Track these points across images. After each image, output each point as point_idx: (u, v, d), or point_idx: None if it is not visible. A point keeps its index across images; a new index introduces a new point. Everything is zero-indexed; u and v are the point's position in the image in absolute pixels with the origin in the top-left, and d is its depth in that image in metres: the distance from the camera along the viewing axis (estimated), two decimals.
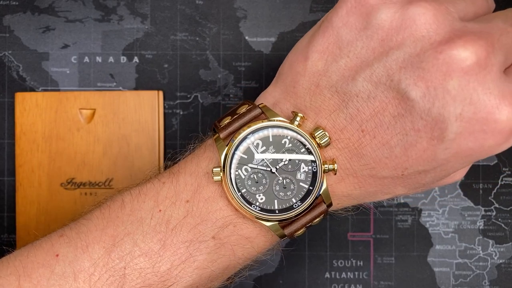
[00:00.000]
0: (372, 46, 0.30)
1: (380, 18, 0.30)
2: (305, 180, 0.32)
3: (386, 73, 0.29)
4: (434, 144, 0.29)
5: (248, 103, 0.33)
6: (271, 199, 0.32)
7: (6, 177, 0.46)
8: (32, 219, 0.45)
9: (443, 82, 0.28)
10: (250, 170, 0.32)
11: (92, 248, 0.31)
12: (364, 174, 0.32)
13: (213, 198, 0.32)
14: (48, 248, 0.32)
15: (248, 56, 0.47)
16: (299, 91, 0.32)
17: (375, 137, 0.30)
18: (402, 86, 0.29)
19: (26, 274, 0.31)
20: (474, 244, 0.46)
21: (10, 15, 0.46)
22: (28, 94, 0.46)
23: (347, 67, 0.31)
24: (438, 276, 0.46)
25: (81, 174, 0.45)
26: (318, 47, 0.32)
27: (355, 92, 0.30)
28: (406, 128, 0.29)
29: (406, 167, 0.31)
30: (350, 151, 0.31)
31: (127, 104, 0.46)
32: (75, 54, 0.46)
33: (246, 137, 0.32)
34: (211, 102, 0.47)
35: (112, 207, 0.33)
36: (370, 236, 0.46)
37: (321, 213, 0.32)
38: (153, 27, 0.47)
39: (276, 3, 0.47)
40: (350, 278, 0.46)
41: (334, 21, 0.31)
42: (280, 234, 0.32)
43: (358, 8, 0.31)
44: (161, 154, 0.46)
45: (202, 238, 0.32)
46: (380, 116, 0.30)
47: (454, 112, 0.28)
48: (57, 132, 0.46)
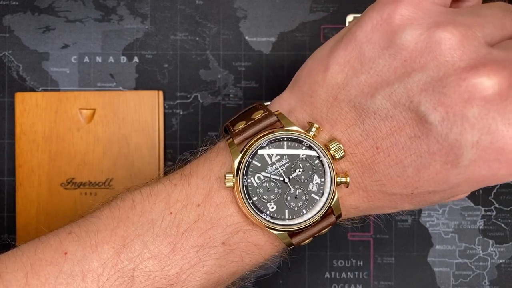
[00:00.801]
0: (394, 66, 0.30)
1: (405, 39, 0.30)
2: (317, 191, 0.32)
3: (407, 94, 0.29)
4: (448, 168, 0.29)
5: (263, 109, 0.33)
6: (281, 209, 0.31)
7: (6, 177, 0.46)
8: (32, 219, 0.45)
9: (463, 109, 0.28)
10: (263, 178, 0.32)
11: (102, 248, 0.31)
12: (374, 189, 0.32)
13: (224, 203, 0.32)
14: (56, 245, 0.32)
15: (248, 56, 0.47)
16: (316, 101, 0.32)
17: (389, 155, 0.30)
18: (421, 109, 0.29)
19: (34, 271, 0.31)
20: (474, 244, 0.46)
21: (10, 15, 0.46)
22: (28, 94, 0.46)
23: (367, 83, 0.30)
24: (438, 276, 0.46)
25: (81, 174, 0.45)
26: (339, 59, 0.31)
27: (373, 109, 0.30)
28: (421, 150, 0.29)
29: (417, 186, 0.31)
30: (362, 166, 0.31)
31: (127, 104, 0.46)
32: (75, 54, 0.46)
33: (261, 145, 0.32)
34: (211, 102, 0.47)
35: (122, 207, 0.33)
36: (370, 236, 0.46)
37: (330, 225, 0.32)
38: (153, 27, 0.47)
39: (276, 3, 0.47)
40: (350, 278, 0.46)
41: (358, 36, 0.31)
42: (287, 243, 0.32)
43: (384, 25, 0.30)
44: (161, 154, 0.46)
45: (212, 243, 0.32)
46: (396, 135, 0.30)
47: (471, 140, 0.28)
48: (57, 132, 0.46)
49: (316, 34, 0.47)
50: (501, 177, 0.30)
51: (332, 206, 0.32)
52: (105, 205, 0.33)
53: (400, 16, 0.30)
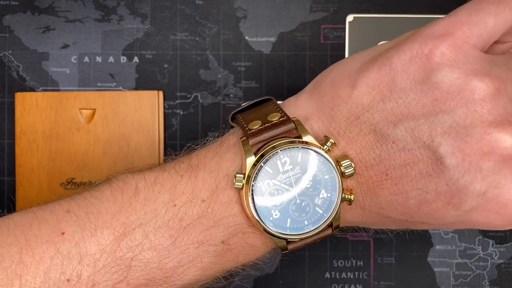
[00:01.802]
0: (423, 102, 0.30)
1: (441, 79, 0.30)
2: (321, 205, 0.32)
3: (429, 133, 0.30)
4: (449, 209, 0.30)
5: (280, 112, 0.32)
6: (284, 217, 0.31)
7: (6, 177, 0.46)
8: None
9: (480, 161, 0.29)
10: (272, 185, 0.31)
11: (101, 233, 0.31)
12: (372, 209, 0.32)
13: (229, 203, 0.32)
14: (53, 223, 0.31)
15: (248, 56, 0.47)
16: (336, 115, 0.32)
17: (397, 184, 0.31)
18: (440, 150, 0.29)
19: (29, 247, 0.30)
20: (474, 244, 0.46)
21: (10, 15, 0.46)
22: (28, 94, 0.46)
23: (392, 111, 0.31)
24: (438, 276, 0.46)
25: (81, 174, 0.45)
26: (369, 80, 0.31)
27: (393, 139, 0.30)
28: (429, 187, 0.30)
29: (413, 216, 0.31)
30: (367, 187, 0.31)
31: (127, 104, 0.46)
32: (75, 54, 0.46)
33: (276, 153, 0.31)
34: (211, 102, 0.47)
35: (125, 191, 0.32)
36: (370, 236, 0.46)
37: (326, 236, 0.32)
38: (153, 27, 0.47)
39: (276, 3, 0.47)
40: (350, 278, 0.46)
41: (394, 62, 0.31)
42: (282, 247, 0.32)
43: (423, 60, 0.30)
44: (161, 154, 0.46)
45: (212, 241, 0.32)
46: (408, 168, 0.30)
47: (479, 189, 0.29)
48: (57, 132, 0.46)
49: (316, 34, 0.47)
50: (494, 226, 0.31)
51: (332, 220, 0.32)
52: (105, 185, 0.33)
53: (440, 55, 0.30)
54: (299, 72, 0.47)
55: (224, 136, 0.34)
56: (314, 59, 0.47)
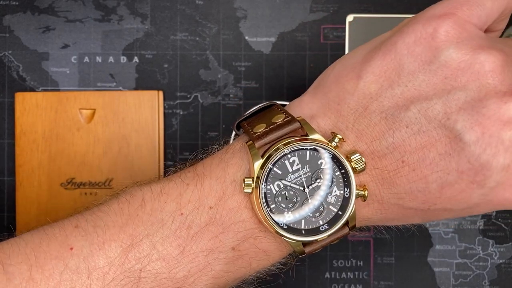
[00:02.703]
0: (434, 82, 0.30)
1: (449, 56, 0.29)
2: (335, 203, 0.31)
3: (444, 111, 0.29)
4: (473, 188, 0.29)
5: (284, 113, 0.32)
6: (298, 219, 0.31)
7: (6, 177, 0.46)
8: (32, 219, 0.45)
9: (501, 132, 0.28)
10: (282, 186, 0.31)
11: (109, 246, 0.30)
12: (390, 202, 0.31)
13: (238, 208, 0.31)
14: (62, 239, 0.31)
15: (248, 56, 0.47)
16: (343, 109, 0.31)
17: (415, 170, 0.30)
18: (457, 127, 0.29)
19: (38, 264, 0.30)
20: (474, 244, 0.46)
21: (10, 15, 0.46)
22: (28, 94, 0.46)
23: (402, 96, 0.30)
24: (438, 276, 0.46)
25: (81, 174, 0.45)
26: (375, 68, 0.31)
27: (406, 123, 0.30)
28: (450, 168, 0.29)
29: (436, 203, 0.30)
30: (383, 179, 0.31)
31: (127, 104, 0.46)
32: (75, 54, 0.46)
33: (284, 153, 0.31)
34: (211, 102, 0.47)
35: (131, 203, 0.32)
36: (370, 236, 0.46)
37: (343, 236, 0.32)
38: (153, 27, 0.47)
39: (276, 3, 0.47)
40: (350, 278, 0.46)
41: (398, 47, 0.30)
42: (300, 251, 0.32)
43: (428, 40, 0.30)
44: (161, 154, 0.46)
45: (222, 248, 0.31)
46: (426, 151, 0.29)
47: (502, 162, 0.28)
48: (57, 132, 0.46)
49: (316, 34, 0.47)
50: None
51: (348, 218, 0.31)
52: (113, 199, 0.33)
53: (445, 33, 0.30)
54: (299, 72, 0.47)
55: (229, 144, 0.34)
56: (314, 59, 0.47)
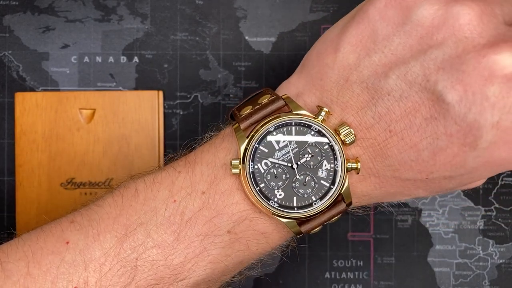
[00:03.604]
0: (410, 43, 0.28)
1: (421, 14, 0.28)
2: (327, 178, 0.30)
3: (423, 73, 0.28)
4: (466, 151, 0.28)
5: (270, 93, 0.32)
6: (290, 196, 0.30)
7: (6, 177, 0.46)
8: (32, 219, 0.45)
9: (483, 88, 0.27)
10: (270, 164, 0.30)
11: (104, 237, 0.30)
12: (386, 175, 0.30)
13: (230, 191, 0.31)
14: (58, 234, 0.31)
15: (248, 56, 0.47)
16: (326, 84, 0.31)
17: (403, 138, 0.29)
18: (438, 88, 0.27)
19: (36, 260, 0.30)
20: (474, 244, 0.46)
21: (10, 15, 0.46)
22: (28, 94, 0.46)
23: (380, 62, 0.29)
24: (438, 276, 0.46)
25: (81, 174, 0.45)
26: (351, 39, 0.30)
27: (387, 90, 0.29)
28: (438, 132, 0.28)
29: (432, 171, 0.29)
30: (374, 151, 0.30)
31: (127, 104, 0.46)
32: (75, 54, 0.47)
33: (268, 130, 0.31)
34: (211, 102, 0.47)
35: (125, 195, 0.32)
36: (370, 236, 0.46)
37: (340, 212, 0.31)
38: (153, 27, 0.47)
39: (276, 3, 0.47)
40: (350, 278, 0.46)
41: (370, 13, 0.30)
42: (296, 231, 0.31)
43: (398, 1, 0.29)
44: (161, 154, 0.46)
45: (217, 232, 0.31)
46: (411, 117, 0.28)
47: (491, 120, 0.27)
48: (57, 132, 0.46)
49: (316, 34, 0.47)
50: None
51: (342, 193, 0.30)
52: (108, 193, 0.33)
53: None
54: None
55: (220, 131, 0.34)
56: None
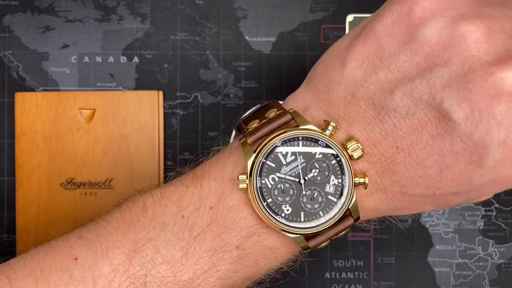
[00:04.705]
0: (416, 61, 0.28)
1: (428, 32, 0.28)
2: (334, 193, 0.30)
3: (429, 91, 0.28)
4: (472, 168, 0.28)
5: (277, 107, 0.31)
6: (297, 211, 0.30)
7: (6, 177, 0.46)
8: (32, 219, 0.45)
9: (490, 106, 0.27)
10: (277, 179, 0.30)
11: (113, 253, 0.30)
12: (394, 190, 0.30)
13: (238, 206, 0.31)
14: (66, 250, 0.31)
15: (248, 56, 0.47)
16: (333, 98, 0.31)
17: (410, 155, 0.29)
18: (444, 106, 0.27)
19: (44, 277, 0.30)
20: (474, 244, 0.46)
21: (10, 15, 0.46)
22: (28, 94, 0.46)
23: (386, 79, 0.29)
24: (438, 276, 0.46)
25: (81, 174, 0.45)
26: (357, 55, 0.30)
27: (393, 107, 0.29)
28: (444, 150, 0.28)
29: (439, 187, 0.29)
30: (382, 166, 0.30)
31: (127, 104, 0.46)
32: (75, 54, 0.46)
33: (275, 145, 0.30)
34: (211, 102, 0.47)
35: (133, 210, 0.31)
36: (370, 236, 0.46)
37: (348, 227, 0.31)
38: (153, 27, 0.47)
39: (276, 3, 0.47)
40: (350, 278, 0.46)
41: (377, 30, 0.29)
42: (304, 246, 0.31)
43: (405, 19, 0.29)
44: (161, 154, 0.46)
45: (226, 247, 0.31)
46: (417, 134, 0.28)
47: (497, 139, 0.27)
48: (57, 132, 0.46)
49: (316, 34, 0.47)
50: None
51: (350, 208, 0.30)
52: (116, 208, 0.32)
53: (422, 9, 0.29)
54: (299, 72, 0.47)
55: (228, 144, 0.34)
56: (314, 59, 0.47)
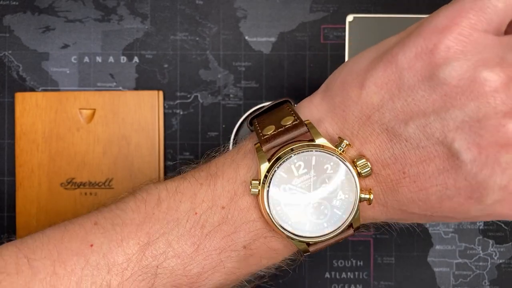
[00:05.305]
0: (433, 98, 0.29)
1: (449, 73, 0.29)
2: (340, 207, 0.31)
3: (441, 129, 0.29)
4: (471, 203, 0.30)
5: (294, 115, 0.32)
6: (303, 221, 0.31)
7: (6, 177, 0.46)
8: (32, 219, 0.45)
9: (497, 154, 0.28)
10: (288, 189, 0.31)
11: (127, 243, 0.32)
12: (394, 206, 0.32)
13: (248, 208, 0.32)
14: (82, 235, 0.32)
15: (248, 56, 0.47)
16: (348, 116, 0.32)
17: (415, 181, 0.30)
18: (455, 146, 0.29)
19: (61, 260, 0.31)
20: (474, 244, 0.46)
21: (10, 15, 0.46)
22: (28, 94, 0.46)
23: (402, 110, 0.30)
24: (438, 276, 0.46)
25: (81, 174, 0.45)
26: (377, 79, 0.31)
27: (405, 137, 0.30)
28: (448, 183, 0.29)
29: (437, 211, 0.31)
30: (386, 186, 0.31)
31: (127, 104, 0.46)
32: (75, 54, 0.46)
33: (290, 156, 0.31)
34: (211, 102, 0.47)
35: (148, 202, 0.33)
36: (370, 236, 0.46)
37: (347, 236, 0.32)
38: (153, 27, 0.47)
39: (276, 3, 0.47)
40: (350, 278, 0.46)
41: (399, 60, 0.30)
42: (304, 250, 0.32)
43: (428, 55, 0.29)
44: (161, 154, 0.46)
45: (234, 247, 0.32)
46: (425, 165, 0.30)
47: (499, 183, 0.28)
48: (57, 132, 0.46)
49: (316, 34, 0.47)
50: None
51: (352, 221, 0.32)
52: (130, 196, 0.34)
53: (446, 48, 0.29)
54: (299, 72, 0.47)
55: (241, 142, 0.34)
56: (314, 59, 0.47)
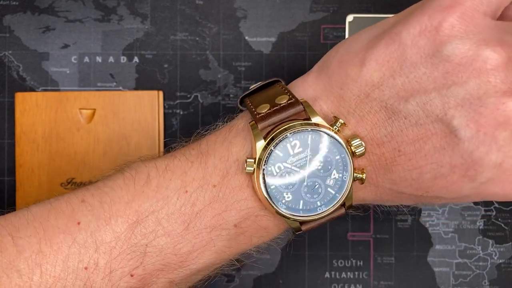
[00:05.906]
0: (435, 75, 0.30)
1: (452, 51, 0.29)
2: (333, 186, 0.32)
3: (442, 106, 0.29)
4: (464, 181, 0.30)
5: (288, 93, 0.32)
6: (297, 199, 0.32)
7: (6, 177, 0.46)
8: None
9: (495, 131, 0.28)
10: (283, 168, 0.31)
11: (115, 221, 0.31)
12: (385, 186, 0.32)
13: (240, 187, 0.32)
14: (69, 213, 0.32)
15: (248, 56, 0.47)
16: (346, 94, 0.32)
17: (410, 160, 0.30)
18: (454, 123, 0.29)
19: (47, 238, 0.31)
20: (474, 244, 0.46)
21: (10, 15, 0.46)
22: (28, 94, 0.46)
23: (403, 87, 0.30)
24: (438, 276, 0.46)
25: (81, 174, 0.45)
26: (378, 57, 0.31)
27: (404, 114, 0.30)
28: (443, 161, 0.30)
29: (428, 191, 0.31)
30: (380, 165, 0.31)
31: (127, 104, 0.46)
32: (75, 54, 0.47)
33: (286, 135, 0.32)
34: (211, 102, 0.47)
35: (137, 180, 0.32)
36: (370, 236, 0.46)
37: (340, 215, 0.33)
38: (153, 27, 0.47)
39: (276, 3, 0.47)
40: (350, 278, 0.46)
41: (403, 37, 0.30)
42: (296, 228, 0.33)
43: (432, 32, 0.30)
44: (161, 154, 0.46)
45: (225, 225, 0.32)
46: (421, 143, 0.30)
47: (494, 161, 0.29)
48: (57, 132, 0.46)
49: (316, 34, 0.47)
50: (510, 197, 0.31)
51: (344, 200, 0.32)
52: (118, 174, 0.33)
53: (450, 26, 0.30)
54: (299, 72, 0.47)
55: (233, 121, 0.34)
56: (314, 59, 0.47)
